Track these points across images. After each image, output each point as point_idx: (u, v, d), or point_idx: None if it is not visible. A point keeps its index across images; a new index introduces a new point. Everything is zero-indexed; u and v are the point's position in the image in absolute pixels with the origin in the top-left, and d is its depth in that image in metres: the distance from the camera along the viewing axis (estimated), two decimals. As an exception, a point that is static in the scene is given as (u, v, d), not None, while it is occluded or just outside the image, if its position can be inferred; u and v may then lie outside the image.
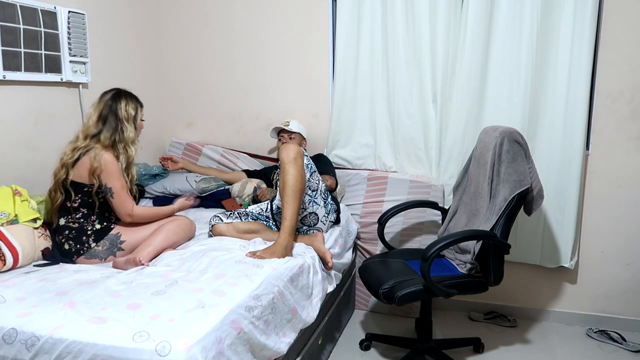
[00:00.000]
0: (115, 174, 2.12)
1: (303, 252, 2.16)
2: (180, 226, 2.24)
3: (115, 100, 2.21)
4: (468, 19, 2.71)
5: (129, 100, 2.24)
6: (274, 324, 1.73)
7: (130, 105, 2.23)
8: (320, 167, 2.68)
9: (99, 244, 2.13)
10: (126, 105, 2.21)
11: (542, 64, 2.67)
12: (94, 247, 2.12)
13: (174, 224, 2.23)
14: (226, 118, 3.32)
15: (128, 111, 2.21)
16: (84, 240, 2.12)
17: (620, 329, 2.80)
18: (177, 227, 2.22)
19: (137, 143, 2.24)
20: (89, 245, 2.12)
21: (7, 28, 2.22)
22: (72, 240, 2.12)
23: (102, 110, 2.20)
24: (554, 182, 2.73)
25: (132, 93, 2.29)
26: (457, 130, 2.84)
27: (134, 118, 2.23)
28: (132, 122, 2.22)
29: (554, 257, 2.81)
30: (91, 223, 2.15)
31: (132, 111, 2.23)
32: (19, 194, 2.11)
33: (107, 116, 2.19)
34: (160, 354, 1.31)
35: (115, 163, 2.13)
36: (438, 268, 2.36)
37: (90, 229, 2.14)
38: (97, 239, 2.13)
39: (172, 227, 2.21)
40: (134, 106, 2.24)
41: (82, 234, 2.12)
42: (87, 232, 2.13)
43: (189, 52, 3.32)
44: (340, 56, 2.96)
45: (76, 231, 2.13)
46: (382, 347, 2.64)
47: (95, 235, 2.14)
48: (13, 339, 1.43)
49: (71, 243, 2.12)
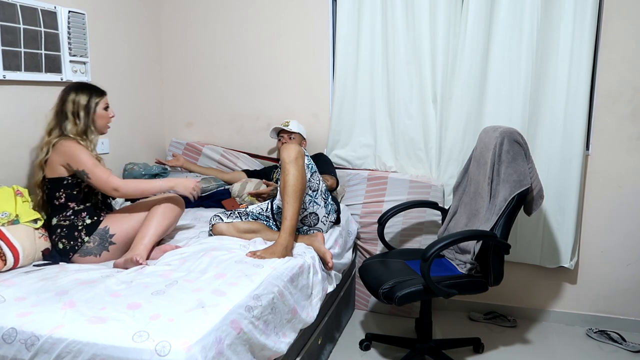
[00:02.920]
0: (83, 155, 2.10)
1: (303, 252, 2.16)
2: (168, 207, 2.21)
3: (66, 92, 2.21)
4: (468, 19, 2.71)
5: (80, 91, 2.21)
6: (273, 324, 1.73)
7: (82, 96, 2.20)
8: (321, 166, 2.68)
9: (90, 240, 2.13)
10: (76, 97, 2.19)
11: (542, 64, 2.67)
12: (87, 243, 2.12)
13: (161, 208, 2.19)
14: (226, 118, 3.32)
15: (77, 102, 2.18)
16: (76, 235, 2.12)
17: (620, 329, 2.80)
18: (165, 210, 2.19)
19: (91, 134, 2.21)
20: (82, 240, 2.12)
21: (7, 28, 2.22)
22: (65, 238, 2.12)
23: (57, 104, 2.21)
24: (554, 182, 2.73)
25: (87, 84, 2.27)
26: (457, 130, 2.84)
27: (86, 108, 2.19)
28: (83, 112, 2.19)
29: (554, 257, 2.81)
30: (81, 219, 2.15)
31: (82, 101, 2.19)
32: (20, 195, 2.11)
33: (60, 110, 2.19)
34: (160, 354, 1.31)
35: (79, 145, 2.12)
36: (438, 268, 2.36)
37: (81, 224, 2.14)
38: (89, 233, 2.13)
39: (160, 211, 2.18)
40: (85, 97, 2.20)
41: (74, 230, 2.13)
42: (78, 227, 2.13)
43: (189, 52, 3.32)
44: (340, 56, 2.96)
45: (67, 229, 2.13)
46: (382, 347, 2.64)
47: (87, 230, 2.14)
48: (13, 339, 1.43)
49: (64, 241, 2.12)
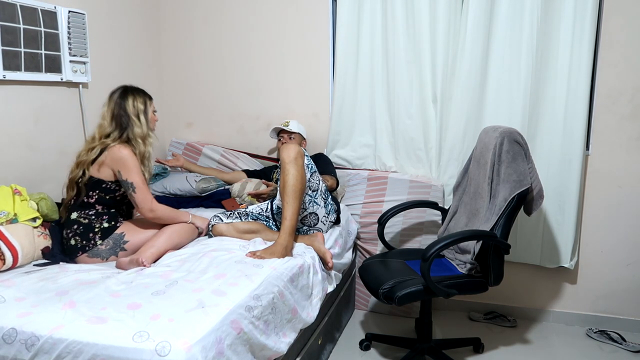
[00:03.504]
0: (135, 169, 2.14)
1: (303, 252, 2.16)
2: (183, 228, 2.27)
3: (123, 97, 2.24)
4: (468, 19, 2.71)
5: (137, 96, 2.26)
6: (273, 324, 1.73)
7: (138, 100, 2.26)
8: (321, 166, 2.68)
9: (104, 243, 2.14)
10: (134, 101, 2.24)
11: (542, 64, 2.67)
12: (99, 246, 2.13)
13: (178, 227, 2.25)
14: (226, 118, 3.32)
15: (137, 106, 2.24)
16: (90, 237, 2.13)
17: (620, 329, 2.80)
18: (180, 229, 2.25)
19: (150, 137, 2.27)
20: (94, 242, 2.13)
21: (7, 28, 2.21)
22: (79, 236, 2.13)
23: (113, 109, 2.23)
24: (554, 182, 2.73)
25: (139, 88, 2.32)
26: (457, 130, 2.84)
27: (144, 112, 2.26)
28: (143, 116, 2.24)
29: (554, 257, 2.81)
30: (100, 221, 2.16)
31: (140, 106, 2.25)
32: (18, 193, 2.11)
33: (119, 114, 2.21)
34: (160, 354, 1.31)
35: (135, 158, 2.16)
36: (438, 268, 2.36)
37: (98, 226, 2.15)
38: (103, 237, 2.15)
39: (176, 229, 2.23)
40: (142, 100, 2.27)
41: (90, 231, 2.14)
42: (94, 229, 2.14)
43: (189, 52, 3.32)
44: (340, 56, 2.96)
45: (84, 227, 2.14)
46: (382, 347, 2.64)
47: (102, 233, 2.15)
48: (13, 339, 1.43)
49: (77, 239, 2.13)
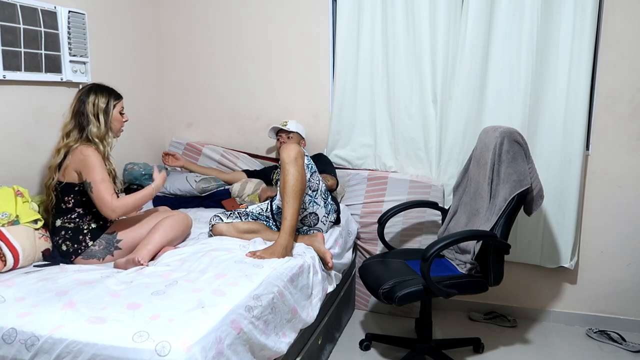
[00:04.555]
0: (96, 167, 2.08)
1: (303, 252, 2.16)
2: (176, 221, 2.24)
3: (86, 95, 2.19)
4: (468, 19, 2.71)
5: (99, 94, 2.20)
6: (273, 324, 1.73)
7: (100, 98, 2.19)
8: (321, 166, 2.68)
9: (96, 243, 2.13)
10: (95, 99, 2.18)
11: (542, 64, 2.67)
12: (91, 247, 2.12)
13: (170, 220, 2.22)
14: (226, 118, 3.32)
15: (97, 105, 2.17)
16: (80, 239, 2.12)
17: (620, 329, 2.80)
18: (173, 223, 2.22)
19: (109, 137, 2.20)
20: (86, 244, 2.12)
21: (7, 28, 2.21)
22: (69, 240, 2.11)
23: (74, 106, 2.19)
24: (554, 182, 2.73)
25: (106, 86, 2.25)
26: (457, 130, 2.84)
27: (105, 111, 2.18)
28: (102, 115, 2.17)
29: (554, 257, 2.81)
30: (87, 222, 2.15)
31: (102, 105, 2.18)
32: (20, 195, 2.11)
33: (78, 111, 2.17)
34: (160, 354, 1.31)
35: (97, 156, 2.10)
36: (438, 268, 2.36)
37: (86, 228, 2.14)
38: (94, 237, 2.13)
39: (169, 223, 2.20)
40: (104, 99, 2.20)
41: (79, 234, 2.12)
42: (83, 231, 2.13)
43: (189, 52, 3.32)
44: (341, 56, 2.96)
45: (72, 231, 2.12)
46: (382, 347, 2.64)
47: (92, 234, 2.13)
48: (13, 339, 1.43)
49: (68, 244, 2.11)
